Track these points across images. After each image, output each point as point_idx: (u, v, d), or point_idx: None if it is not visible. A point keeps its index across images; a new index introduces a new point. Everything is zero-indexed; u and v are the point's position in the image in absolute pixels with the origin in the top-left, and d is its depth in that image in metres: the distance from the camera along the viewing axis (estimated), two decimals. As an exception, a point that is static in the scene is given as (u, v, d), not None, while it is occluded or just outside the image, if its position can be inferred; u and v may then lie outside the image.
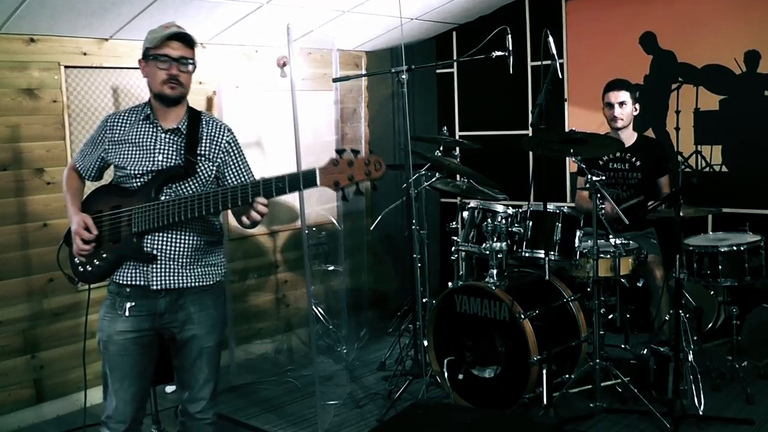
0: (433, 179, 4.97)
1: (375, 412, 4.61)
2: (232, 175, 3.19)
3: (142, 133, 3.09)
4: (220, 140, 3.16)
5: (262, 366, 5.63)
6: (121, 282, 3.07)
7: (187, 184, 3.06)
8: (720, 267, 4.53)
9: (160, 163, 3.05)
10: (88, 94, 4.85)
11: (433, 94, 6.84)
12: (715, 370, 4.61)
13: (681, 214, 4.12)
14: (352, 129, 6.53)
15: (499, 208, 4.59)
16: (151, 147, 3.07)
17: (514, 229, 4.51)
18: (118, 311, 3.06)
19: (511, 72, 4.23)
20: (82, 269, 3.14)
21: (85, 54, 4.81)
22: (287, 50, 4.50)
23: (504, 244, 4.50)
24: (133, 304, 3.05)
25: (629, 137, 5.02)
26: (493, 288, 4.35)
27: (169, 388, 5.00)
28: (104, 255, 3.08)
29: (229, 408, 4.77)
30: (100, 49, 4.87)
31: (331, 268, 5.97)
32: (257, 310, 5.92)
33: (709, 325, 4.98)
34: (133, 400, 3.12)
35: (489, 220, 4.52)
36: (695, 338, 4.48)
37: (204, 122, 3.16)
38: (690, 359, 4.24)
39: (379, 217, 5.68)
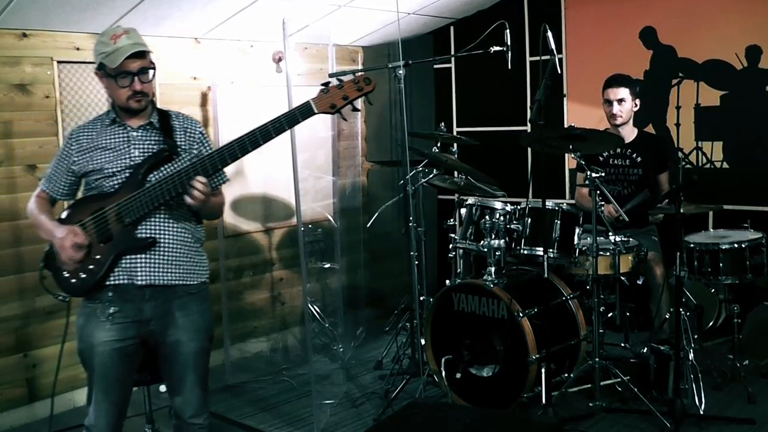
0: (431, 176, 4.93)
1: (372, 411, 4.57)
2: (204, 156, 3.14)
3: (112, 135, 3.07)
4: (193, 131, 3.18)
5: (258, 365, 5.59)
6: (103, 284, 3.00)
7: (170, 169, 3.04)
8: (721, 265, 4.51)
9: (136, 157, 3.03)
10: (82, 89, 4.80)
11: (430, 89, 6.80)
12: (716, 369, 4.58)
13: (681, 211, 4.09)
14: (348, 125, 6.47)
15: (498, 205, 4.56)
16: (125, 146, 3.05)
17: (512, 226, 4.48)
18: (100, 318, 2.99)
19: (509, 67, 4.21)
20: (74, 280, 3.02)
21: (78, 49, 4.76)
22: (283, 45, 4.46)
23: (502, 241, 4.47)
24: (117, 309, 2.99)
25: (630, 133, 4.98)
26: (492, 286, 4.32)
27: (163, 387, 4.95)
28: (97, 257, 2.99)
29: (224, 407, 4.74)
30: (93, 44, 4.80)
31: (328, 265, 5.93)
32: (252, 308, 5.88)
33: (710, 324, 4.95)
34: (116, 408, 3.09)
35: (487, 217, 4.49)
36: (696, 337, 4.45)
37: (173, 116, 3.18)
38: (690, 358, 4.21)
39: (376, 214, 5.64)
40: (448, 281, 4.79)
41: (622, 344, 4.81)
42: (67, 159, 3.11)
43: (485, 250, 4.48)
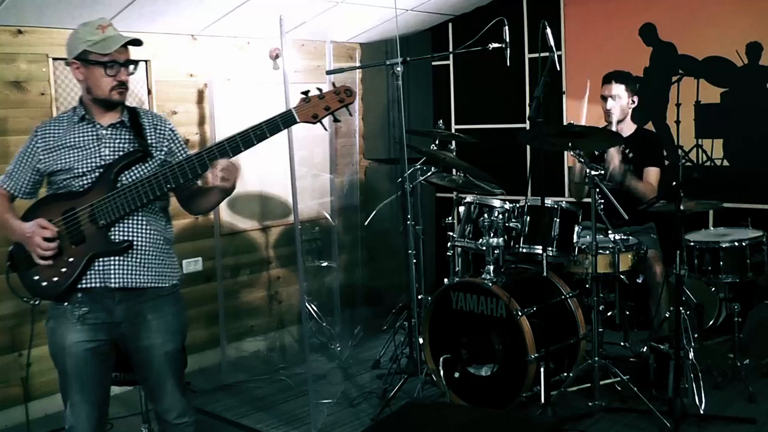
0: (429, 173, 4.91)
1: (369, 411, 4.55)
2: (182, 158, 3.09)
3: (81, 133, 2.99)
4: (163, 129, 3.12)
5: (254, 364, 5.57)
6: (74, 287, 2.92)
7: (143, 168, 2.99)
8: (721, 263, 4.48)
9: (107, 156, 2.96)
10: (77, 86, 4.74)
11: (428, 86, 6.77)
12: (716, 368, 4.56)
13: (681, 208, 4.06)
14: (345, 122, 6.45)
15: (496, 202, 4.53)
16: (94, 144, 2.97)
17: (511, 224, 4.45)
18: (71, 320, 2.93)
19: (508, 64, 4.20)
20: (45, 284, 2.94)
21: (73, 45, 4.72)
22: (280, 42, 4.44)
23: (501, 239, 4.44)
24: (87, 310, 2.93)
25: (627, 129, 4.95)
26: (490, 284, 4.29)
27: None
28: (70, 260, 2.91)
29: (220, 407, 4.72)
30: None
31: (325, 264, 5.91)
32: (249, 307, 5.85)
33: (710, 323, 4.91)
34: (95, 410, 3.03)
35: (486, 215, 4.46)
36: (696, 336, 4.42)
37: (141, 114, 3.11)
38: (691, 357, 4.19)
39: (374, 212, 5.62)
40: (446, 280, 4.78)
41: (622, 343, 4.78)
42: (32, 157, 3.01)
43: (484, 248, 4.45)
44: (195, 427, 3.21)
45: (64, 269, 2.90)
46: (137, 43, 2.96)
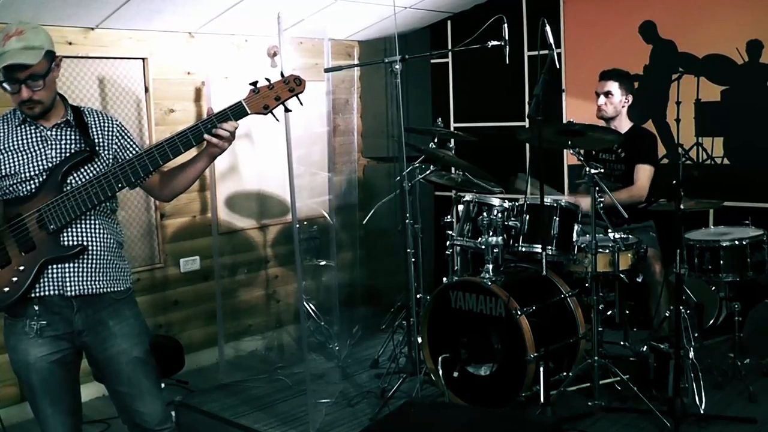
0: (428, 172, 4.89)
1: (368, 410, 4.53)
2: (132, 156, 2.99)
3: (24, 136, 2.85)
4: (110, 127, 2.99)
5: (252, 363, 5.55)
6: (27, 296, 2.80)
7: (91, 168, 2.88)
8: (721, 262, 4.45)
9: (53, 158, 2.83)
10: (74, 84, 4.76)
11: (427, 84, 6.76)
12: (716, 367, 4.54)
13: (681, 207, 4.04)
14: (344, 120, 6.44)
15: (495, 201, 4.52)
16: (40, 146, 2.84)
17: (510, 223, 4.43)
18: (30, 335, 2.82)
19: (507, 62, 4.17)
20: None
21: (70, 44, 4.72)
22: (278, 40, 4.43)
23: (500, 238, 4.42)
24: (45, 323, 2.82)
25: (621, 127, 4.92)
26: (489, 283, 4.27)
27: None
28: (20, 268, 2.78)
29: (218, 407, 4.69)
30: (85, 38, 4.77)
31: (323, 263, 5.89)
32: (247, 306, 5.85)
33: (711, 322, 4.90)
34: (70, 417, 2.99)
35: (485, 213, 4.44)
36: (696, 335, 4.41)
37: (87, 113, 2.98)
38: (691, 357, 4.17)
39: (372, 211, 5.60)
40: (445, 279, 4.75)
41: (622, 342, 4.75)
42: None
43: (483, 247, 4.43)
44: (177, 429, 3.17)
45: (15, 278, 2.78)
46: (26, 67, 2.67)
